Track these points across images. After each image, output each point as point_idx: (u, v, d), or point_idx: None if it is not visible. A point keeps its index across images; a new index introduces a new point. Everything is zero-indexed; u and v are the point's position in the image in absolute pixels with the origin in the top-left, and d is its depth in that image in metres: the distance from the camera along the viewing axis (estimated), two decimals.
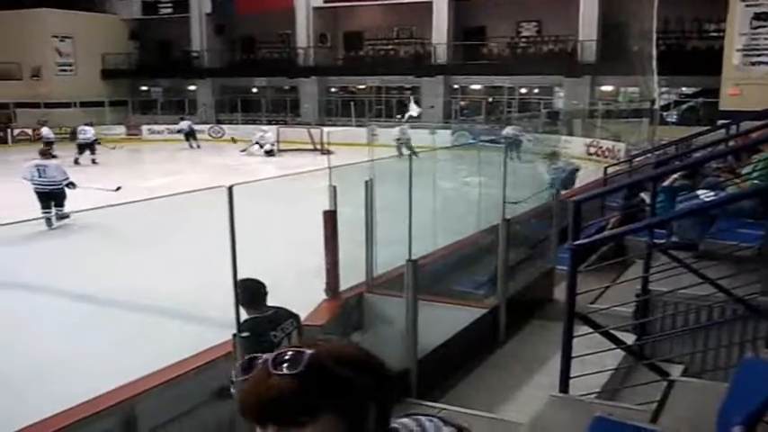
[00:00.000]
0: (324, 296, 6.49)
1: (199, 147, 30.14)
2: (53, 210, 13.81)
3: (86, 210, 12.07)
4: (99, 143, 25.71)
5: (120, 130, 34.60)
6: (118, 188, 14.82)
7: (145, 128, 34.97)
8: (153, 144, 32.64)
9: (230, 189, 3.89)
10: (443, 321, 5.96)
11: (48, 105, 34.89)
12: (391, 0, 32.82)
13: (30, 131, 33.09)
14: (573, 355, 4.23)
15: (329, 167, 6.30)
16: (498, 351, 6.22)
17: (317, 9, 34.27)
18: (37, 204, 13.52)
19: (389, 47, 34.96)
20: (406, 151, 23.80)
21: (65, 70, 36.46)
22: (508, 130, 26.35)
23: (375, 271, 6.98)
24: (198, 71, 36.98)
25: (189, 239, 11.57)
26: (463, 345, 5.96)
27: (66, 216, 13.82)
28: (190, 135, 30.40)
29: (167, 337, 7.24)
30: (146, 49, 39.02)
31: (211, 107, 36.64)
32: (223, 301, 4.69)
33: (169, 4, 37.43)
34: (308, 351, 1.15)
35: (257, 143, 27.37)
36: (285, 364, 1.14)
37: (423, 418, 1.33)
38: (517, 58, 31.55)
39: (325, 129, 28.66)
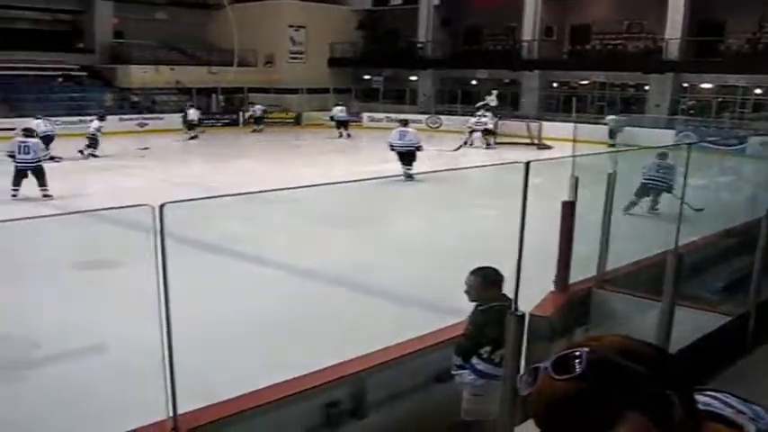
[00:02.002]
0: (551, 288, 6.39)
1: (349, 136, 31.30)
2: (403, 168, 17.98)
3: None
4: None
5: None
6: (458, 148, 20.16)
7: (365, 115, 36.14)
8: (373, 131, 33.61)
9: (527, 165, 3.89)
10: (685, 324, 5.64)
11: (277, 91, 36.97)
12: None
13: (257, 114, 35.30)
14: None
15: (573, 155, 6.16)
16: (742, 361, 5.80)
17: (545, 1, 33.70)
18: None
19: (618, 41, 33.65)
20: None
21: (296, 58, 38.35)
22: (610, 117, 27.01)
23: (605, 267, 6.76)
24: (421, 62, 37.47)
25: (412, 223, 11.83)
26: (706, 350, 5.61)
27: (411, 177, 17.61)
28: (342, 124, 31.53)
29: (388, 316, 7.46)
30: (371, 39, 40.17)
31: (431, 98, 37.12)
32: (442, 286, 4.73)
33: None
34: (585, 350, 1.09)
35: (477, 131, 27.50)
36: (567, 367, 1.08)
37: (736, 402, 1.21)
38: (758, 55, 29.35)
39: (545, 123, 28.37)
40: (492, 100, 32.14)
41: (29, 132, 15.76)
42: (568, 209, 6.10)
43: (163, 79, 34.41)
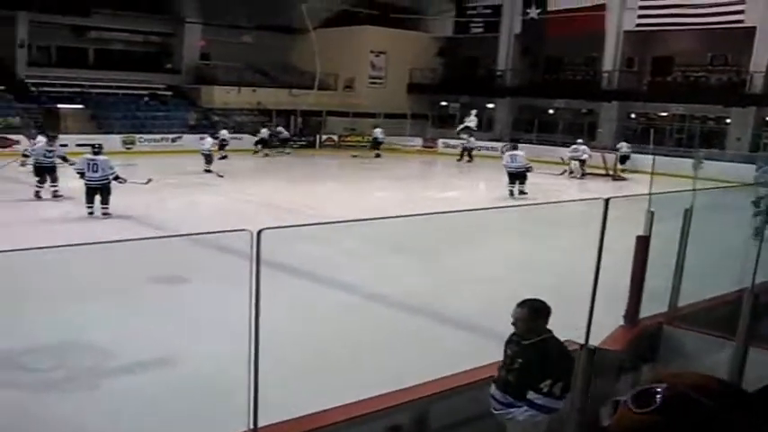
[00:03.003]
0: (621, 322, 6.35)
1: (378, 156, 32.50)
2: (516, 186, 19.97)
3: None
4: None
5: (417, 141, 36.37)
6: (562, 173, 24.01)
7: (440, 141, 36.29)
8: (446, 158, 33.70)
9: (606, 201, 3.95)
10: (759, 366, 5.52)
11: (356, 115, 37.41)
12: (710, 25, 30.50)
13: (335, 138, 35.79)
14: None
15: (650, 194, 6.14)
16: None
17: (628, 32, 33.39)
18: None
19: (700, 74, 32.96)
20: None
21: (375, 83, 38.78)
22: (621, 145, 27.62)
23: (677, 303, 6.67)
24: (499, 89, 37.51)
25: (476, 254, 11.84)
26: None
27: (524, 193, 19.82)
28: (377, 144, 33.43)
29: (450, 344, 7.49)
30: (450, 65, 40.35)
31: (507, 126, 37.07)
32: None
33: (480, 24, 38.44)
34: (663, 385, 1.19)
35: (575, 160, 27.04)
36: (646, 401, 1.18)
37: None
38: None
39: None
40: (471, 120, 32.53)
41: (98, 150, 15.66)
42: (642, 243, 6.08)
43: (244, 100, 35.26)
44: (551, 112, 37.18)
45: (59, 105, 31.01)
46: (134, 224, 14.34)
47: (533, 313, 4.37)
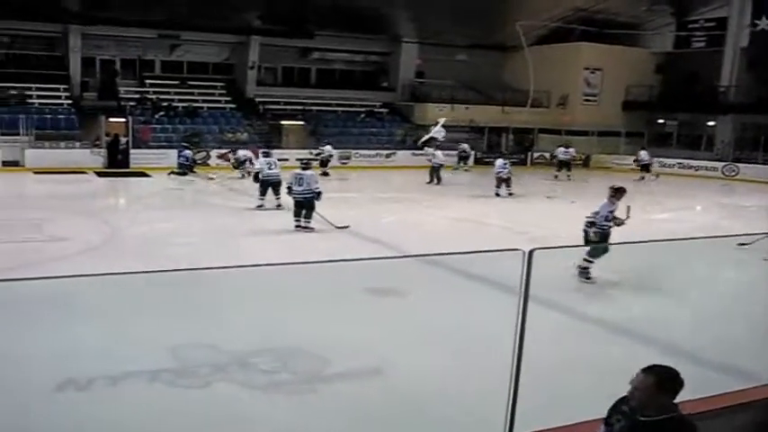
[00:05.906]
0: None
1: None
2: None
3: None
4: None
5: (631, 160, 35.21)
6: None
7: (656, 160, 34.94)
8: (661, 177, 32.41)
9: None
10: None
11: (568, 132, 36.86)
12: None
13: (547, 155, 35.42)
14: None
15: None
16: None
17: None
18: None
19: None
20: None
21: (589, 100, 38.13)
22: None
23: None
24: (721, 106, 35.66)
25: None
26: None
27: None
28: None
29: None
30: (669, 82, 38.83)
31: (730, 145, 35.09)
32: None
33: (703, 38, 36.89)
34: None
35: None
36: None
37: None
38: None
39: None
40: (438, 131, 29.55)
41: (306, 165, 16.41)
42: None
43: (457, 117, 35.85)
44: None
45: (282, 122, 33.31)
46: (349, 237, 15.01)
47: (658, 384, 3.34)
